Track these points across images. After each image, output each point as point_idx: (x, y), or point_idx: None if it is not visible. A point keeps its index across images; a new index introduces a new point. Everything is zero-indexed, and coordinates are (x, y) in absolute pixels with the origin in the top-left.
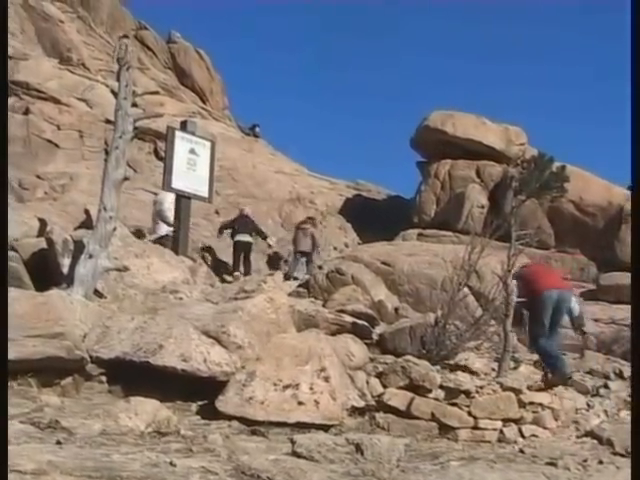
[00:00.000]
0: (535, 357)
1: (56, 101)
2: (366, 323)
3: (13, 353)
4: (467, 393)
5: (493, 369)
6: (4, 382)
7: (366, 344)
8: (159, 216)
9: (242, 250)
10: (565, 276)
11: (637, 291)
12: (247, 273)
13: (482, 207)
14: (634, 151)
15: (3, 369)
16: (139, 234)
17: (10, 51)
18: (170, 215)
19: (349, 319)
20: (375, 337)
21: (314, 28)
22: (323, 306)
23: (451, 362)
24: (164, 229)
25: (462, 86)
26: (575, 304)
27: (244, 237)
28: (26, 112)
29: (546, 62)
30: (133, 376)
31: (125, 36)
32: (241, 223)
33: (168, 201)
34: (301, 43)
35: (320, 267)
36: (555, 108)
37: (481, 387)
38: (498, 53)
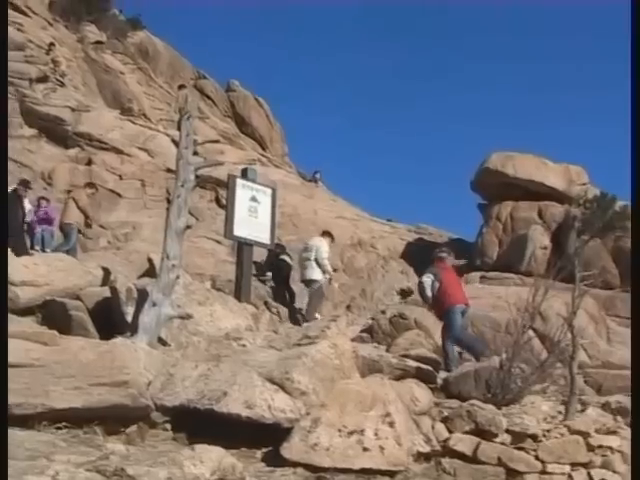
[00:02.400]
0: (603, 399)
1: (118, 151)
2: (430, 367)
3: (79, 402)
4: (534, 437)
5: (560, 412)
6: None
7: (430, 388)
8: (317, 263)
9: (283, 271)
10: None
11: (637, 297)
12: (291, 297)
13: (545, 248)
14: (634, 157)
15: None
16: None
17: (73, 103)
18: (328, 262)
19: (413, 364)
20: (440, 381)
21: (368, 71)
22: (387, 351)
23: (517, 405)
24: (317, 274)
25: (520, 123)
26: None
27: (284, 257)
28: (89, 163)
29: (602, 95)
30: (198, 423)
31: (183, 86)
32: (281, 248)
33: (326, 249)
34: (358, 87)
35: (383, 312)
36: (617, 145)
37: (548, 431)
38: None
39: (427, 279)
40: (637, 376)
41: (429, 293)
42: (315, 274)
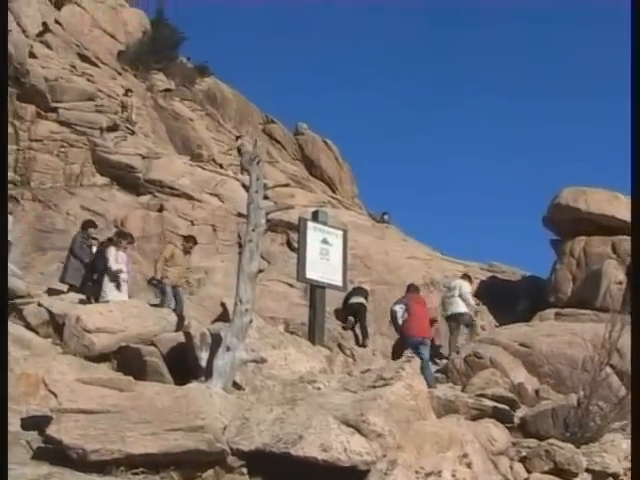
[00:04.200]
0: None
1: (189, 197)
2: (507, 407)
3: (155, 447)
4: (615, 476)
5: None
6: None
7: (508, 428)
8: (462, 299)
9: (355, 313)
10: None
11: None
12: (364, 337)
13: (620, 283)
14: (634, 159)
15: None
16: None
17: (144, 151)
18: (471, 297)
19: (489, 403)
20: (517, 421)
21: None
22: (462, 391)
23: (596, 444)
24: (463, 307)
25: (591, 157)
26: None
27: (357, 299)
28: (160, 209)
29: None
30: (274, 467)
31: (240, 137)
32: (356, 289)
33: (468, 287)
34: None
35: (458, 351)
36: None
37: (629, 469)
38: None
39: (399, 309)
40: (637, 376)
41: (400, 322)
42: (461, 308)
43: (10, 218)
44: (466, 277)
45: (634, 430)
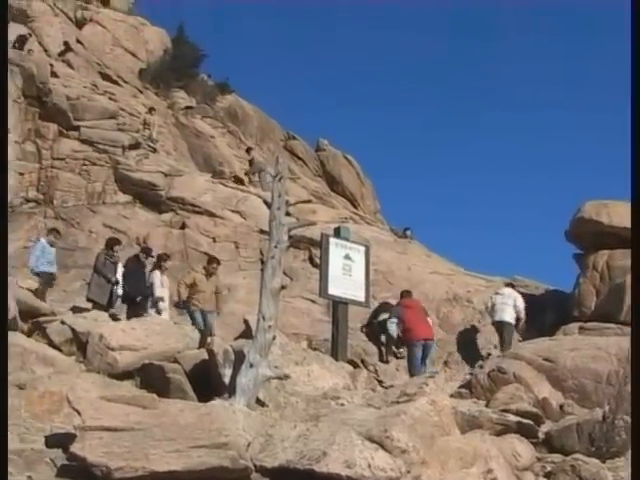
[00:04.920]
0: None
1: (211, 214)
2: (531, 422)
3: (179, 464)
4: None
5: None
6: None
7: (532, 443)
8: (515, 310)
9: (383, 330)
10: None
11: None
12: (388, 354)
13: None
14: (634, 158)
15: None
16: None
17: (165, 169)
18: (524, 313)
19: (514, 418)
20: (541, 436)
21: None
22: (486, 406)
23: (622, 458)
24: (512, 317)
25: (612, 168)
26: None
27: (385, 316)
28: (183, 226)
29: None
30: None
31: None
32: (382, 305)
33: (523, 305)
34: (444, 143)
35: (481, 366)
36: None
37: None
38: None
39: (392, 325)
40: (637, 376)
41: (395, 335)
42: (509, 317)
43: (52, 250)
44: (511, 286)
45: (634, 429)
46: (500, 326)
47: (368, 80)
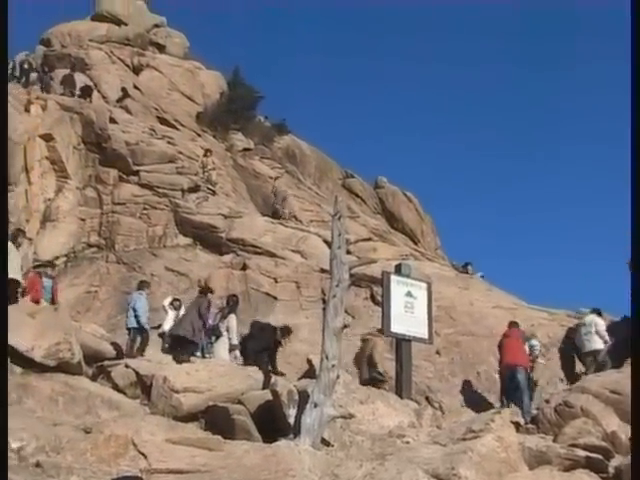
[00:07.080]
0: None
1: (271, 255)
2: (600, 456)
3: None
4: None
5: None
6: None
7: (602, 478)
8: (599, 335)
9: None
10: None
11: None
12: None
13: None
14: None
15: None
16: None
17: (225, 210)
18: (606, 334)
19: (582, 453)
20: (611, 470)
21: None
22: (554, 441)
23: None
24: (600, 344)
25: None
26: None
27: None
28: (244, 267)
29: None
30: None
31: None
32: None
33: (603, 327)
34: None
35: (547, 401)
36: None
37: None
38: None
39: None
40: (637, 376)
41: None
42: (598, 344)
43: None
44: (596, 312)
45: (634, 430)
46: (589, 356)
47: (428, 112)
